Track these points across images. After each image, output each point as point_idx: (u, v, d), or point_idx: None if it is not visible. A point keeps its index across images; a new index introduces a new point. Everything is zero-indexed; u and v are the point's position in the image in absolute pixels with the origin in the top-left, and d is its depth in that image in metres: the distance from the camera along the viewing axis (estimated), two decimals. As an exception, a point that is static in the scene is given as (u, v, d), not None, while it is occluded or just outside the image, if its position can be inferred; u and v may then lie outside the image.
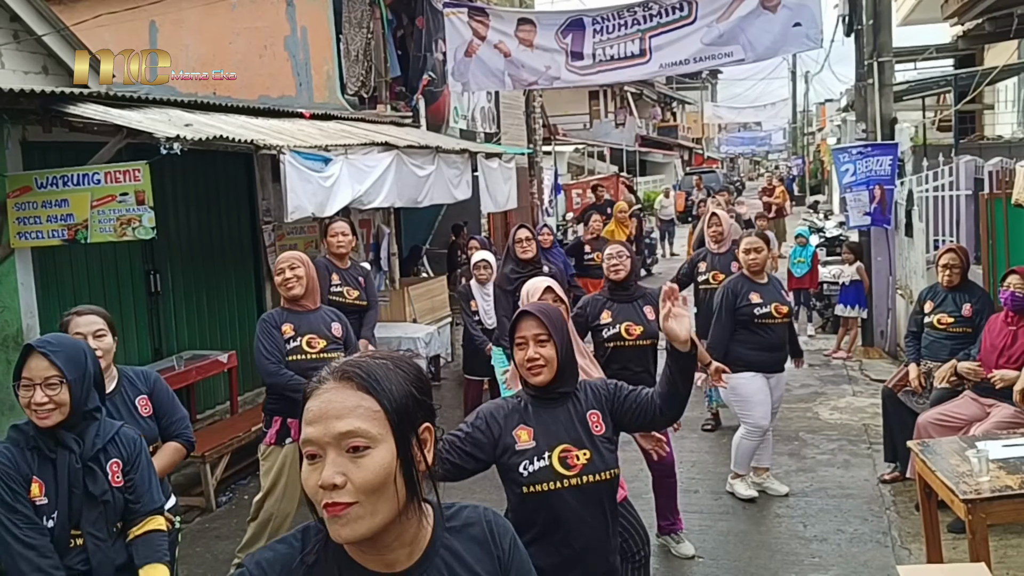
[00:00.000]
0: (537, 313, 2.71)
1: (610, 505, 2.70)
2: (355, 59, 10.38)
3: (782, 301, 5.67)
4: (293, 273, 4.57)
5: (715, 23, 8.61)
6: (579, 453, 2.63)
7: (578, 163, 27.44)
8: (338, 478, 1.32)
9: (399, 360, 1.46)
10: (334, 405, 1.36)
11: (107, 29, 9.39)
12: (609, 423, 2.72)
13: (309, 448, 1.36)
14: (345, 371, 1.39)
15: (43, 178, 5.44)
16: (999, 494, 3.58)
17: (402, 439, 1.38)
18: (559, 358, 2.67)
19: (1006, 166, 7.11)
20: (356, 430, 1.34)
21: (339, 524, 1.33)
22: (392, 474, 1.36)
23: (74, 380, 2.62)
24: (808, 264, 10.70)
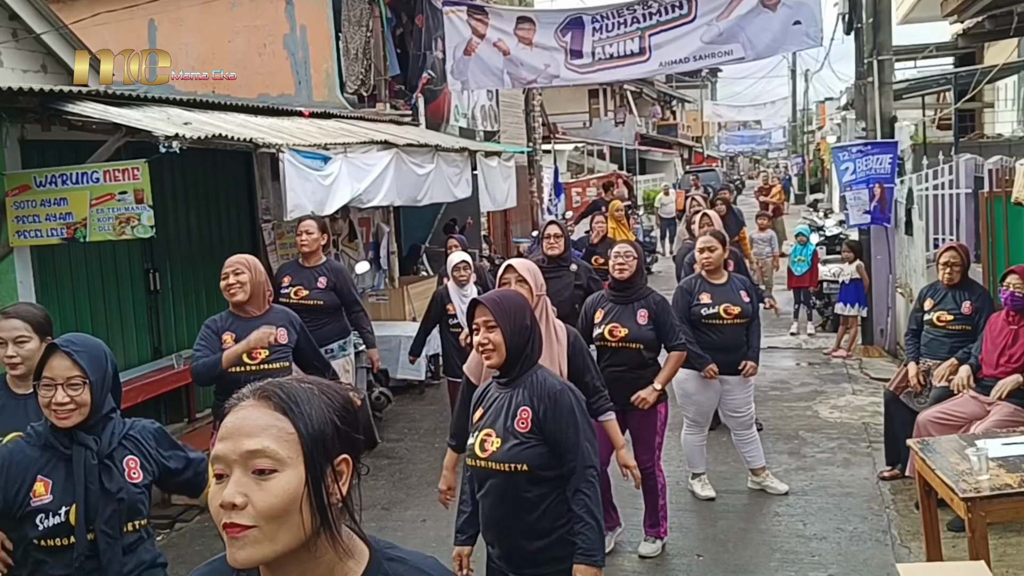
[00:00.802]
0: (486, 301, 2.92)
1: (524, 495, 2.84)
2: (354, 57, 10.38)
3: (735, 302, 5.49)
4: (236, 279, 4.50)
5: (715, 21, 8.61)
6: (494, 440, 2.85)
7: (578, 162, 27.43)
8: (238, 498, 1.27)
9: (328, 388, 1.41)
10: (247, 423, 1.31)
11: (106, 27, 9.38)
12: (536, 426, 2.83)
13: (218, 466, 1.31)
14: (265, 390, 1.35)
15: (42, 177, 5.43)
16: (999, 492, 3.58)
17: (313, 467, 1.32)
18: (507, 344, 2.85)
19: (1006, 164, 7.11)
20: (264, 449, 1.29)
21: (236, 547, 1.28)
22: (297, 502, 1.30)
23: (96, 381, 2.58)
24: (808, 263, 10.69)
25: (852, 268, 9.69)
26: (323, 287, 6.09)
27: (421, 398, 8.83)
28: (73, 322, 6.29)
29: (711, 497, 5.75)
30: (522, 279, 3.67)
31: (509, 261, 3.87)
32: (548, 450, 2.83)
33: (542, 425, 2.82)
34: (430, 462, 6.87)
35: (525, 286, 3.65)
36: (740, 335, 5.54)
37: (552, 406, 2.83)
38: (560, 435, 2.82)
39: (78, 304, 6.35)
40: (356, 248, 9.94)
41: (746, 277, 7.04)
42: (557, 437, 2.82)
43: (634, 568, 4.91)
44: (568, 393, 2.90)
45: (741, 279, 5.75)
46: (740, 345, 5.55)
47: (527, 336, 2.91)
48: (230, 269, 4.53)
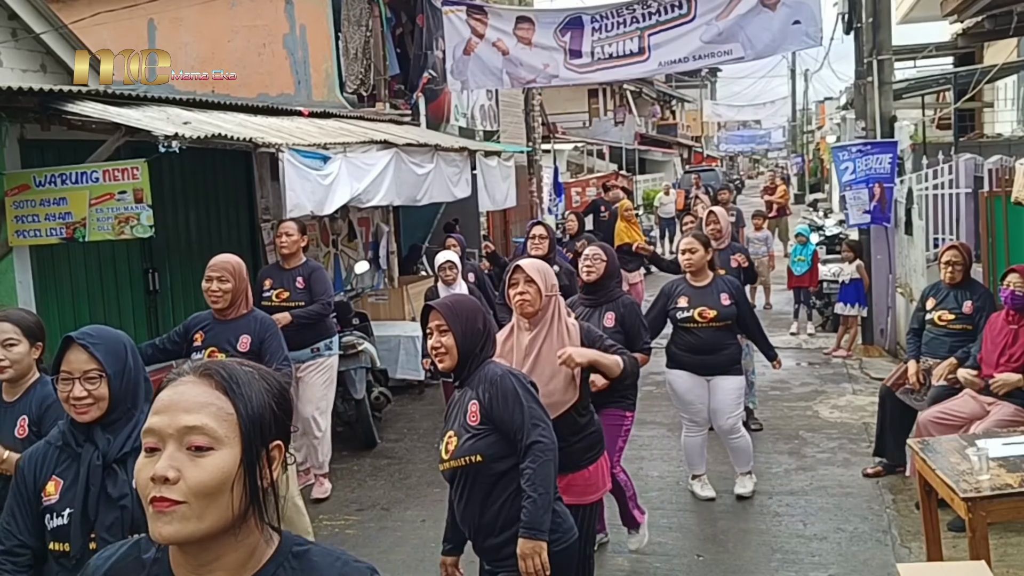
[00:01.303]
0: (437, 306, 3.01)
1: (487, 487, 2.93)
2: (354, 57, 10.37)
3: (713, 305, 5.43)
4: (220, 287, 4.47)
5: (714, 21, 8.61)
6: (453, 440, 2.97)
7: (577, 161, 27.41)
8: (171, 472, 1.26)
9: (267, 373, 1.42)
10: (186, 398, 1.31)
11: (105, 27, 9.38)
12: (484, 415, 2.93)
13: (150, 440, 1.30)
14: (207, 368, 1.35)
15: (41, 176, 5.43)
16: (999, 492, 3.58)
17: (249, 449, 1.32)
18: (459, 347, 2.96)
19: (1006, 164, 7.11)
20: (203, 426, 1.28)
21: (162, 521, 1.26)
22: (230, 482, 1.29)
23: (114, 374, 2.49)
24: (808, 263, 10.69)
25: (852, 268, 9.68)
26: (301, 287, 6.06)
27: (420, 398, 8.82)
28: (72, 322, 6.28)
29: (711, 497, 5.74)
30: (530, 279, 3.63)
31: (518, 262, 3.80)
32: (500, 438, 2.90)
33: (490, 414, 2.90)
34: (429, 462, 6.87)
35: (533, 286, 3.63)
36: (720, 337, 5.48)
37: (496, 393, 2.91)
38: (507, 418, 2.89)
39: (77, 304, 6.34)
40: (355, 248, 9.93)
41: (744, 276, 7.04)
42: (504, 421, 2.89)
43: (634, 568, 4.91)
44: (510, 377, 2.96)
45: (728, 280, 5.67)
46: (720, 347, 5.47)
47: (480, 340, 3.01)
48: (215, 275, 4.50)
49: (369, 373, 7.32)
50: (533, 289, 3.63)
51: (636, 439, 6.77)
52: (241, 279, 4.57)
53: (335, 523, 5.75)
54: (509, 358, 3.80)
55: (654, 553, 5.06)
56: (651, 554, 5.04)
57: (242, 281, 4.57)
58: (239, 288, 4.54)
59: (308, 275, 6.07)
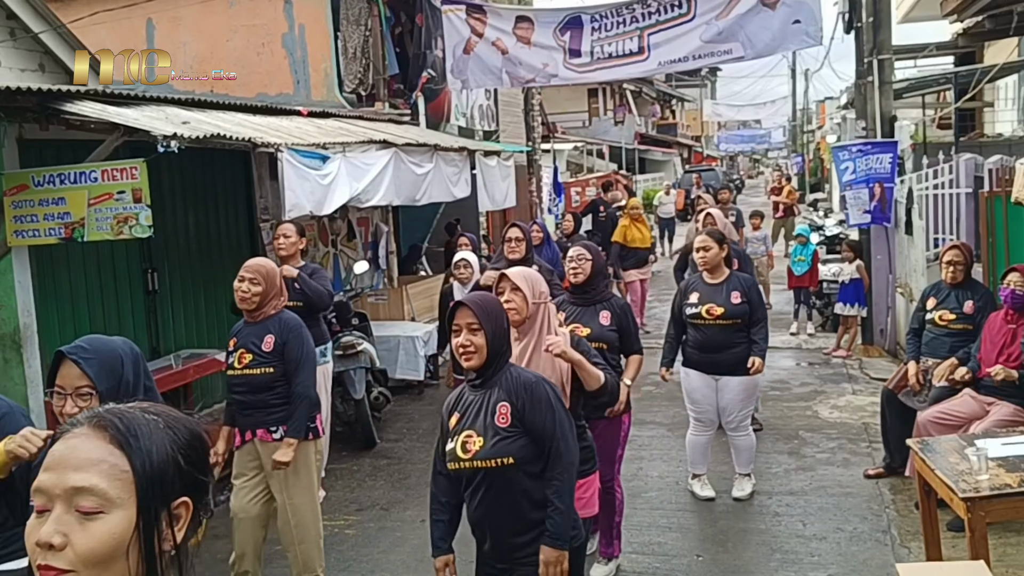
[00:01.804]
0: (470, 304, 2.96)
1: (514, 489, 2.92)
2: (353, 56, 10.36)
3: (722, 303, 5.40)
4: (251, 288, 4.44)
5: (714, 20, 8.60)
6: (477, 439, 2.92)
7: (577, 161, 27.41)
8: (56, 538, 1.15)
9: (175, 420, 1.29)
10: (76, 453, 1.18)
11: (104, 27, 9.38)
12: (516, 419, 2.91)
13: (39, 500, 1.18)
14: (102, 418, 1.22)
15: (40, 176, 5.42)
16: (998, 492, 3.58)
17: (147, 509, 1.20)
18: (489, 346, 2.92)
19: (1006, 164, 7.10)
20: (91, 487, 1.17)
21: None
22: (123, 547, 1.18)
23: (106, 391, 2.37)
24: (808, 263, 10.69)
25: (852, 268, 9.68)
26: (299, 288, 5.96)
27: (420, 398, 8.81)
28: (71, 322, 6.28)
29: (711, 497, 5.74)
30: (516, 287, 3.47)
31: (502, 271, 3.66)
32: (529, 442, 2.91)
33: (522, 418, 2.90)
34: (429, 462, 6.83)
35: (519, 294, 3.46)
36: (727, 336, 5.43)
37: (529, 398, 2.91)
38: (539, 425, 2.90)
39: (76, 304, 6.34)
40: (355, 248, 9.93)
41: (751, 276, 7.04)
42: (536, 427, 2.90)
43: (633, 568, 4.90)
44: (543, 384, 2.98)
45: (743, 278, 5.61)
46: (727, 345, 5.43)
47: (505, 339, 3.01)
48: (248, 275, 4.45)
49: (368, 373, 7.31)
50: (519, 297, 3.46)
51: (636, 439, 6.76)
52: (272, 284, 4.51)
53: (335, 523, 5.74)
54: None
55: (654, 553, 5.05)
56: (651, 554, 5.03)
57: (273, 286, 4.52)
58: (268, 292, 4.49)
59: (309, 275, 6.04)
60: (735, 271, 5.68)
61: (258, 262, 4.57)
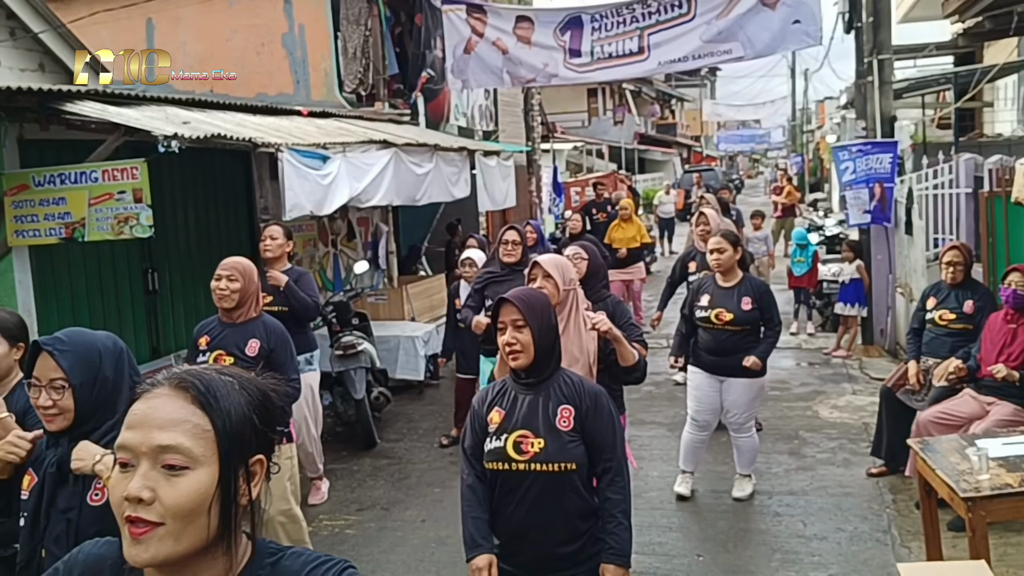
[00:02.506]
0: (514, 300, 2.83)
1: (569, 496, 2.80)
2: (353, 56, 10.36)
3: (731, 308, 5.35)
4: (228, 285, 4.40)
5: (714, 20, 8.60)
6: (535, 441, 2.78)
7: (576, 161, 27.42)
8: (145, 492, 1.21)
9: (247, 381, 1.34)
10: (160, 413, 1.24)
11: (104, 26, 9.38)
12: (579, 423, 2.81)
13: (123, 455, 1.24)
14: (183, 380, 1.28)
15: (40, 176, 5.42)
16: (999, 492, 3.58)
17: (227, 467, 1.26)
18: (536, 344, 2.81)
19: (1006, 164, 7.10)
20: (177, 446, 1.22)
21: (138, 546, 1.21)
22: (207, 502, 1.24)
23: (80, 385, 2.32)
24: (808, 263, 10.70)
25: (852, 268, 9.68)
26: (284, 294, 5.81)
27: (420, 398, 8.81)
28: (71, 321, 6.27)
29: (685, 495, 5.76)
30: (548, 275, 3.65)
31: (535, 258, 3.83)
32: (587, 450, 2.83)
33: (584, 424, 2.81)
34: (429, 462, 6.87)
35: (551, 281, 3.63)
36: (736, 341, 5.39)
37: (594, 406, 2.83)
38: (600, 434, 2.83)
39: (76, 304, 6.34)
40: (355, 248, 9.93)
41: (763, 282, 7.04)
42: (596, 436, 2.83)
43: (634, 568, 4.88)
44: (605, 395, 2.92)
45: (756, 284, 5.53)
46: (734, 350, 5.40)
47: (553, 335, 2.89)
48: (225, 273, 4.44)
49: (369, 373, 7.31)
50: (551, 284, 3.64)
51: (636, 439, 6.78)
52: (251, 281, 4.49)
53: (335, 523, 5.74)
54: None
55: (654, 553, 5.05)
56: (651, 554, 5.03)
57: (252, 283, 4.50)
58: (248, 289, 4.47)
59: (295, 280, 5.86)
60: (748, 275, 5.60)
61: (234, 260, 4.55)
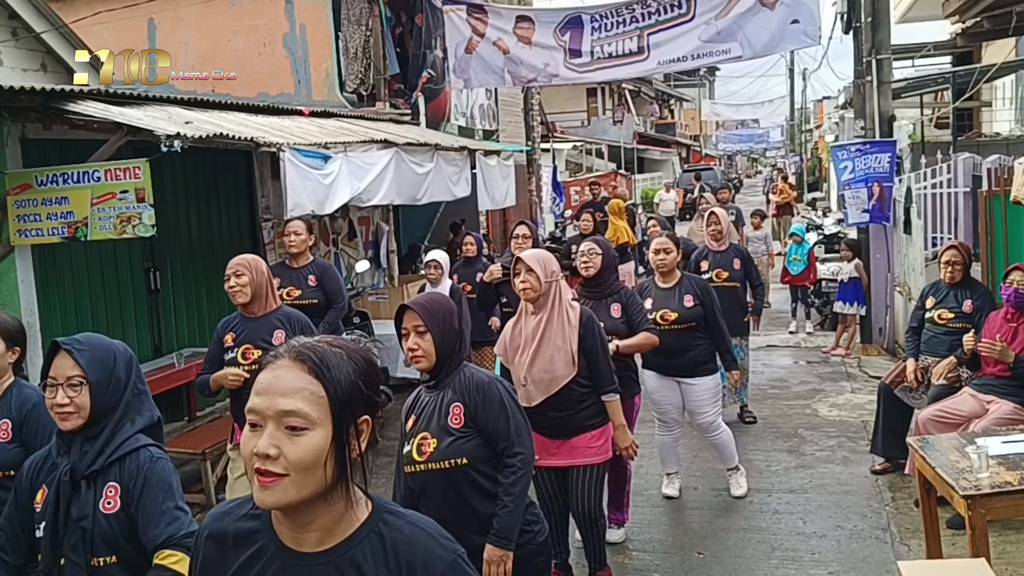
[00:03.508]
0: (414, 306, 2.94)
1: (469, 489, 2.91)
2: (354, 56, 10.39)
3: (674, 308, 5.35)
4: (237, 281, 4.51)
5: (713, 20, 8.63)
6: (431, 441, 2.91)
7: (576, 160, 27.45)
8: (272, 449, 1.41)
9: (353, 351, 1.53)
10: (283, 382, 1.44)
11: (105, 27, 9.40)
12: (469, 419, 2.91)
13: (252, 416, 1.44)
14: (301, 352, 1.47)
15: (43, 176, 5.45)
16: (998, 490, 3.60)
17: (339, 427, 1.46)
18: (437, 348, 2.91)
19: (1004, 163, 7.13)
20: (298, 411, 1.42)
21: (265, 492, 1.42)
22: (324, 457, 1.44)
23: (97, 382, 2.40)
24: (804, 262, 10.72)
25: (851, 267, 9.71)
26: (314, 285, 6.11)
27: (421, 397, 8.82)
28: (74, 321, 6.30)
29: (673, 496, 5.78)
30: (530, 269, 3.92)
31: (518, 255, 4.11)
32: (483, 442, 2.92)
33: (475, 417, 2.91)
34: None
35: (533, 275, 3.92)
36: (684, 339, 5.37)
37: (482, 398, 2.93)
38: (492, 424, 2.92)
39: (79, 303, 6.36)
40: (355, 247, 9.95)
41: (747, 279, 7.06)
42: (490, 427, 2.92)
43: (634, 565, 4.93)
44: (496, 384, 3.00)
45: (695, 280, 5.57)
46: (684, 349, 5.38)
47: (455, 339, 2.98)
48: (231, 271, 4.53)
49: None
50: (533, 278, 3.92)
51: (636, 436, 6.78)
52: (258, 272, 4.56)
53: (336, 521, 5.76)
54: (518, 340, 4.05)
55: (654, 551, 5.08)
56: (651, 551, 5.06)
57: (260, 274, 4.57)
58: (257, 281, 4.54)
59: (320, 274, 6.11)
60: (687, 274, 5.65)
61: (237, 258, 4.63)
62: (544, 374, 3.97)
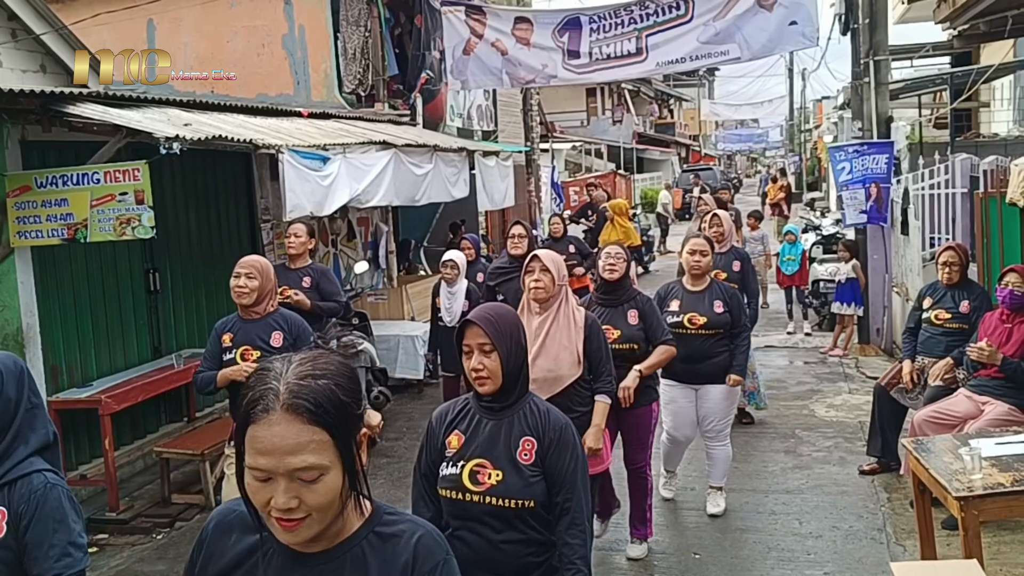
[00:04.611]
0: (479, 321, 2.60)
1: (522, 530, 2.59)
2: (353, 57, 10.41)
3: (704, 312, 5.20)
4: (247, 283, 4.53)
5: (711, 22, 8.65)
6: (493, 472, 2.57)
7: (575, 160, 27.45)
8: (293, 502, 1.41)
9: (335, 373, 1.49)
10: (286, 440, 1.40)
11: (105, 28, 9.41)
12: (539, 458, 2.59)
13: (260, 474, 1.42)
14: (293, 404, 1.41)
15: (43, 177, 5.47)
16: (991, 491, 3.62)
17: (349, 460, 1.47)
18: (504, 369, 2.59)
19: (1001, 164, 7.15)
20: (310, 465, 1.41)
21: (291, 534, 1.44)
22: (340, 491, 1.47)
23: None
24: (798, 262, 10.74)
25: (848, 267, 9.73)
26: (308, 287, 6.18)
27: (420, 397, 8.85)
28: (74, 322, 6.32)
29: (667, 498, 5.77)
30: (546, 269, 3.91)
31: (535, 252, 4.07)
32: (546, 485, 2.59)
33: (544, 458, 2.59)
34: (429, 461, 6.90)
35: (548, 275, 3.92)
36: (710, 346, 5.24)
37: (558, 439, 2.59)
38: (560, 470, 2.58)
39: (79, 304, 6.38)
40: (355, 248, 9.97)
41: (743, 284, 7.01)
42: (556, 472, 2.58)
43: (631, 565, 4.95)
44: (571, 429, 2.68)
45: (724, 287, 5.43)
46: (709, 356, 5.24)
47: (523, 358, 2.66)
48: (243, 271, 4.55)
49: (368, 372, 7.36)
50: (548, 278, 3.91)
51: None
52: (268, 279, 4.62)
53: (335, 522, 5.78)
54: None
55: (651, 551, 5.09)
56: (648, 552, 5.07)
57: (269, 281, 4.63)
58: (265, 287, 4.59)
59: (317, 278, 6.18)
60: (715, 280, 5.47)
61: (253, 258, 4.68)
62: (548, 372, 3.91)
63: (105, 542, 5.55)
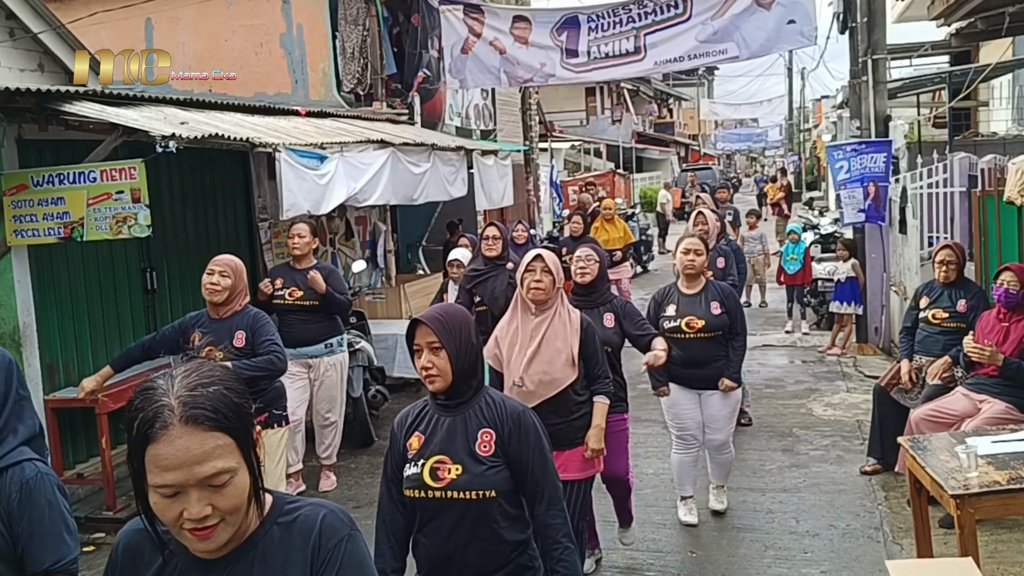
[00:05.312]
0: (427, 320, 2.64)
1: (492, 522, 2.62)
2: (351, 56, 10.40)
3: (702, 315, 5.06)
4: (220, 280, 4.58)
5: (709, 20, 8.64)
6: (452, 467, 2.61)
7: (574, 160, 27.45)
8: (207, 510, 1.43)
9: (223, 379, 1.52)
10: (192, 452, 1.42)
11: (103, 27, 9.41)
12: (500, 448, 2.63)
13: (169, 490, 1.43)
14: (192, 416, 1.43)
15: (39, 176, 5.46)
16: (987, 490, 3.62)
17: (250, 459, 1.50)
18: (453, 367, 2.62)
19: (999, 163, 7.15)
20: (219, 470, 1.44)
21: (205, 542, 1.46)
22: (248, 490, 1.50)
23: None
24: (801, 261, 10.74)
25: (847, 266, 9.73)
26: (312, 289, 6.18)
27: (417, 396, 8.81)
28: (71, 321, 6.31)
29: (692, 524, 5.38)
30: (548, 270, 3.90)
31: (537, 251, 4.03)
32: (510, 474, 2.64)
33: (506, 448, 2.63)
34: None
35: (549, 276, 3.90)
36: (709, 349, 5.12)
37: (517, 426, 2.65)
38: (526, 456, 2.64)
39: (75, 303, 6.37)
40: (353, 247, 9.96)
41: (735, 279, 6.98)
42: (521, 459, 2.64)
43: (628, 565, 4.95)
44: (530, 414, 2.74)
45: (720, 287, 5.28)
46: (709, 359, 5.13)
47: (474, 356, 2.69)
48: (218, 268, 4.62)
49: (366, 371, 7.36)
50: (548, 279, 3.89)
51: (631, 436, 6.80)
52: (240, 279, 4.70)
53: (332, 520, 5.77)
54: (514, 339, 3.98)
55: (648, 550, 5.10)
56: (644, 551, 5.08)
57: (241, 281, 4.71)
58: (237, 287, 4.67)
59: (325, 275, 6.20)
60: (711, 280, 5.33)
61: (227, 257, 4.74)
62: (543, 375, 3.89)
63: (102, 541, 5.54)
